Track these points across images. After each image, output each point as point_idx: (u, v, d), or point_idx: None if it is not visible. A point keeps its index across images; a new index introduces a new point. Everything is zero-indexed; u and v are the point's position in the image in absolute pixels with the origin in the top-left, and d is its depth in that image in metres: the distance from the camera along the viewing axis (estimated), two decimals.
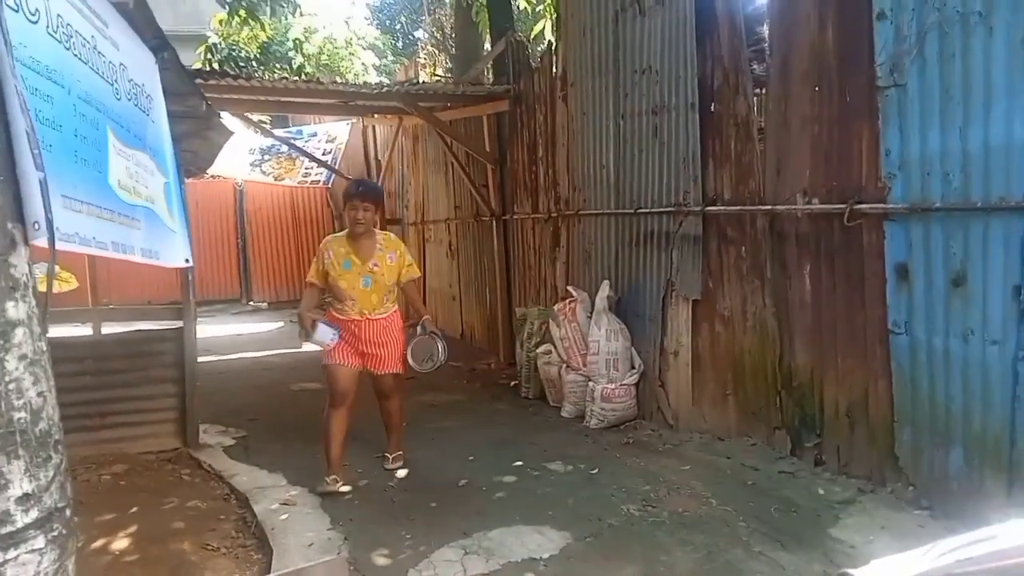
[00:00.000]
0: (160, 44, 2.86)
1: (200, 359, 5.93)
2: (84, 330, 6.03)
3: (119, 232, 2.37)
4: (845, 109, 4.29)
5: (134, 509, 4.50)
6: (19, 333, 1.51)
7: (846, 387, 4.44)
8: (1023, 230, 3.45)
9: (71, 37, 1.96)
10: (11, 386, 1.48)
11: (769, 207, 4.82)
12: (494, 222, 8.57)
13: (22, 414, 1.49)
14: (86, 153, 2.10)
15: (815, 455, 4.65)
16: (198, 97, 3.93)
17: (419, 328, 4.85)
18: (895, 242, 4.04)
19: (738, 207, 5.08)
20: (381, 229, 5.01)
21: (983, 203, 3.58)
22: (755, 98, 5.18)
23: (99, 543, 4.04)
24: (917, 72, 3.82)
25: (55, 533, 1.56)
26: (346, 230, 4.66)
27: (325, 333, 4.51)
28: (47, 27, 1.80)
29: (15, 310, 1.50)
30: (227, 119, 7.21)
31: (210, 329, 11.50)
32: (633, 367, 5.94)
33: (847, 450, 4.46)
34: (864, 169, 4.20)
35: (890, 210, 4.02)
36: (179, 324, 5.68)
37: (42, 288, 1.64)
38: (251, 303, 14.98)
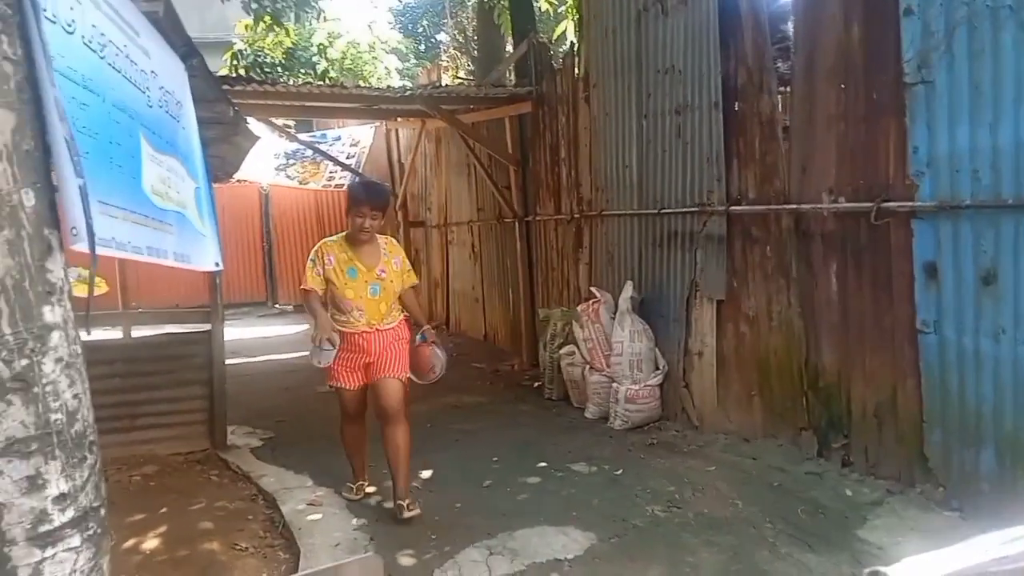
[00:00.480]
0: (189, 51, 2.92)
1: (227, 362, 6.01)
2: (114, 333, 6.14)
3: (153, 236, 2.42)
4: (871, 106, 4.25)
5: (164, 509, 4.57)
6: (55, 336, 1.55)
7: (874, 387, 4.39)
8: None
9: (105, 47, 2.00)
10: (48, 388, 1.52)
11: (794, 206, 4.78)
12: (517, 224, 8.59)
13: (59, 415, 1.53)
14: (121, 159, 2.15)
15: (842, 456, 4.60)
16: (225, 103, 3.99)
17: (418, 338, 4.39)
18: (923, 240, 3.99)
19: (763, 206, 5.05)
20: (389, 234, 5.15)
21: (1014, 200, 3.53)
22: (779, 96, 5.14)
23: (130, 543, 4.11)
24: (945, 68, 3.78)
25: (90, 532, 1.59)
26: (342, 233, 4.29)
27: (330, 354, 4.14)
28: (83, 38, 1.84)
29: (52, 314, 1.54)
30: (253, 124, 7.31)
31: (237, 332, 11.63)
32: (657, 368, 5.92)
33: (875, 451, 4.41)
34: (891, 167, 4.16)
35: (918, 208, 3.97)
36: (207, 327, 5.76)
37: (78, 292, 1.69)
38: (277, 306, 15.13)
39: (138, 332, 6.23)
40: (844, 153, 4.45)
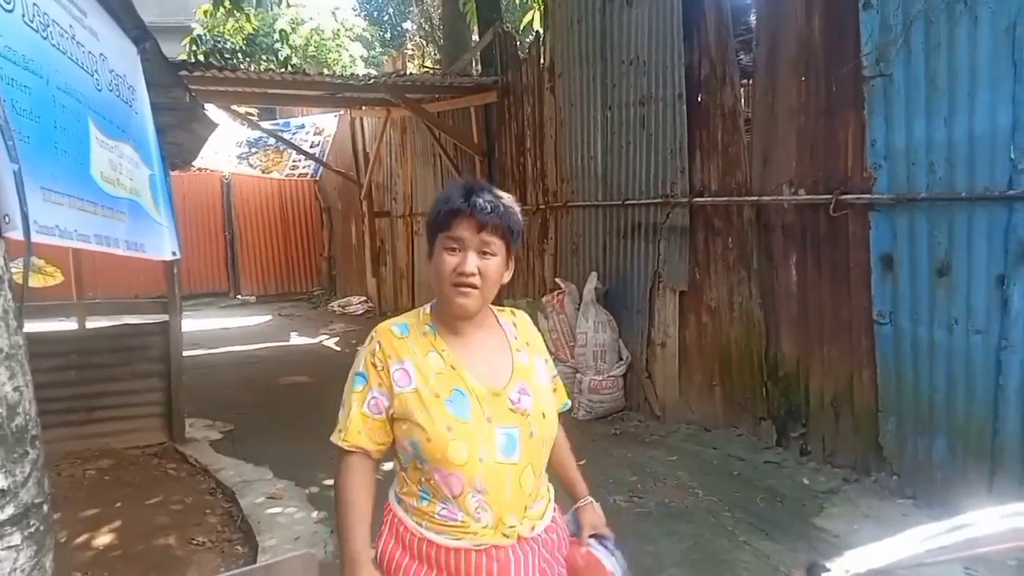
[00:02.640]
0: (141, 34, 2.83)
1: (187, 353, 5.89)
2: (69, 324, 5.99)
3: (102, 224, 2.35)
4: (831, 99, 4.30)
5: (118, 504, 4.48)
6: None
7: (831, 377, 4.46)
8: (1007, 220, 3.47)
9: (48, 26, 1.93)
10: None
11: (756, 198, 4.83)
12: None
13: None
14: (67, 144, 2.08)
15: (800, 445, 4.68)
16: (181, 88, 3.89)
17: (568, 520, 1.96)
18: (880, 232, 4.05)
19: (725, 198, 5.09)
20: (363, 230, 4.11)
21: (968, 193, 3.60)
22: (742, 89, 5.18)
23: (82, 538, 4.01)
24: (903, 62, 3.83)
25: (32, 529, 1.54)
26: (424, 308, 1.83)
27: None
28: (23, 15, 1.77)
29: None
30: (213, 111, 7.16)
31: (197, 323, 11.43)
32: (620, 358, 5.95)
33: (832, 440, 4.49)
34: (850, 159, 4.22)
35: (875, 200, 4.04)
36: (165, 318, 5.64)
37: (19, 281, 1.62)
38: (239, 297, 14.90)
39: (93, 323, 6.08)
40: (804, 145, 4.50)
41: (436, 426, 1.61)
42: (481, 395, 1.65)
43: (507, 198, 1.72)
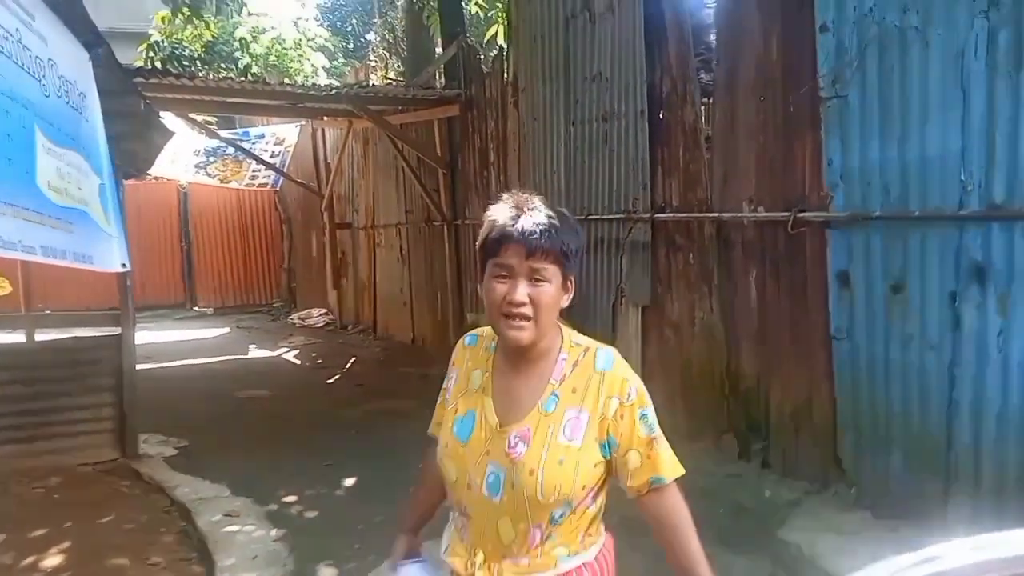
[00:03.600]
0: (93, 39, 2.76)
1: (141, 366, 5.75)
2: (17, 337, 5.79)
3: (49, 236, 2.27)
4: (789, 119, 4.38)
5: (69, 523, 4.33)
6: None
7: (791, 392, 4.52)
8: (958, 239, 3.56)
9: None
10: None
11: (716, 214, 4.89)
12: (445, 227, 8.53)
13: None
14: (10, 152, 2.01)
15: (762, 458, 4.72)
16: (136, 96, 3.80)
17: None
18: (837, 250, 4.13)
19: (686, 214, 5.14)
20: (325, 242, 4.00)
21: (920, 212, 3.69)
22: (703, 107, 5.25)
23: (30, 559, 3.87)
24: (858, 84, 3.92)
25: None
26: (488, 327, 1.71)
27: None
28: None
29: None
30: (170, 120, 7.03)
31: (152, 335, 11.17)
32: None
33: (792, 453, 4.54)
34: (807, 178, 4.29)
35: (832, 218, 4.11)
36: (117, 331, 5.49)
37: None
38: (195, 308, 14.62)
39: (43, 336, 5.89)
40: (764, 164, 4.57)
41: (443, 438, 1.66)
42: (489, 427, 1.58)
43: (560, 216, 1.55)
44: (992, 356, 3.47)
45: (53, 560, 3.91)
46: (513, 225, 1.51)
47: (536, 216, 1.53)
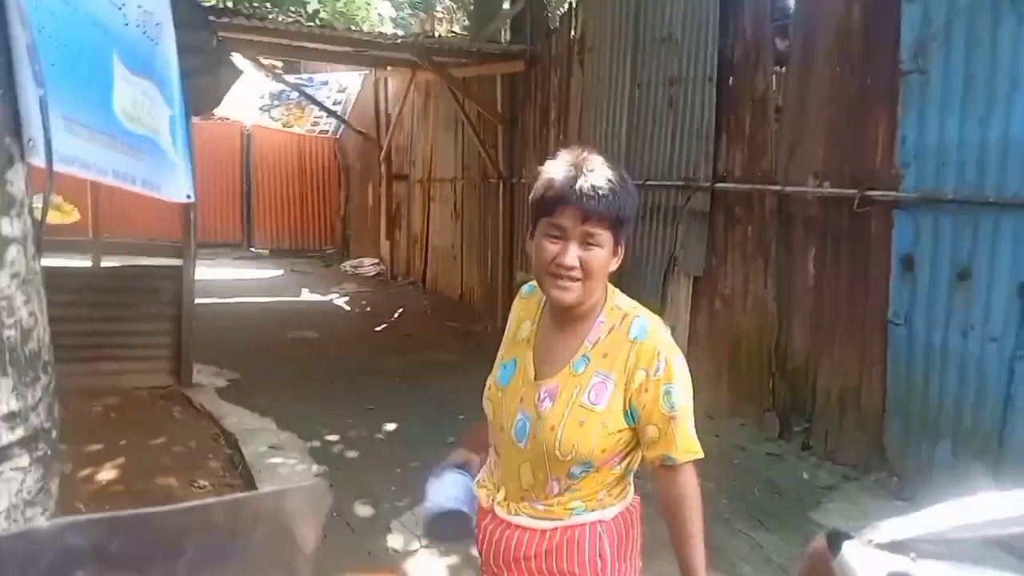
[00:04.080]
0: None
1: (198, 300, 5.92)
2: (83, 262, 6.02)
3: (121, 160, 2.33)
4: (865, 92, 4.22)
5: (123, 442, 4.53)
6: (13, 251, 1.48)
7: (840, 375, 4.43)
8: None
9: None
10: (2, 303, 1.46)
11: (780, 187, 4.77)
12: (501, 185, 8.50)
13: (12, 332, 1.48)
14: (90, 76, 2.06)
15: (803, 440, 4.66)
16: (209, 31, 3.86)
17: None
18: (903, 232, 4.00)
19: (748, 185, 5.03)
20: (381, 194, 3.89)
21: (996, 197, 3.54)
22: (774, 75, 5.09)
23: (86, 472, 4.07)
24: (942, 58, 3.75)
25: (40, 453, 1.55)
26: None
27: (447, 490, 1.77)
28: None
29: (10, 227, 1.48)
30: (237, 60, 7.12)
31: (210, 272, 11.47)
32: None
33: (835, 437, 4.47)
34: (879, 155, 4.15)
35: (901, 198, 3.98)
36: (179, 262, 5.65)
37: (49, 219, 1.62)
38: (252, 249, 14.94)
39: (108, 262, 6.11)
40: (833, 137, 4.43)
41: (489, 380, 1.72)
42: (527, 377, 1.62)
43: (619, 180, 1.52)
44: None
45: (107, 474, 4.11)
46: (571, 187, 1.48)
47: (595, 179, 1.49)
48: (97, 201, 6.32)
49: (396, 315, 9.22)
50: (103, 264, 5.94)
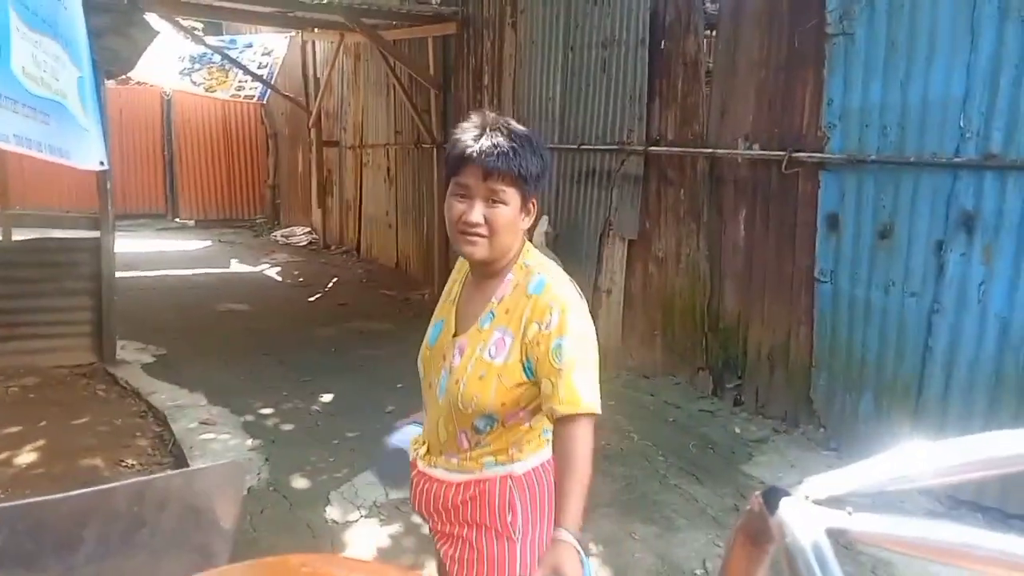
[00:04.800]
0: None
1: (120, 274, 5.68)
2: None
3: (23, 125, 2.19)
4: (792, 55, 4.28)
5: (43, 423, 4.34)
6: None
7: (769, 332, 4.56)
8: (950, 187, 3.54)
9: None
10: None
11: (711, 150, 4.82)
12: (435, 150, 8.37)
13: None
14: None
15: (735, 396, 4.80)
16: None
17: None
18: (828, 192, 4.10)
19: (680, 148, 5.07)
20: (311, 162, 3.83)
21: (916, 158, 3.66)
22: (705, 39, 5.11)
23: (3, 456, 3.89)
24: (866, 21, 3.82)
25: None
26: None
27: (401, 436, 1.88)
28: None
29: None
30: (153, 21, 6.75)
31: (132, 244, 11.02)
32: None
33: (765, 392, 4.61)
34: (806, 117, 4.23)
35: (827, 160, 4.07)
36: (96, 234, 5.39)
37: None
38: (177, 220, 14.41)
39: (20, 235, 5.79)
40: (763, 100, 4.49)
41: (423, 342, 1.78)
42: (448, 334, 1.70)
43: (524, 139, 1.56)
44: (972, 305, 3.50)
45: (27, 457, 3.94)
46: (473, 146, 1.53)
47: (496, 138, 1.53)
48: (6, 173, 5.97)
49: (330, 285, 9.05)
50: (14, 238, 5.62)
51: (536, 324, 1.55)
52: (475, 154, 1.52)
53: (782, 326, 4.47)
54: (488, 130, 1.55)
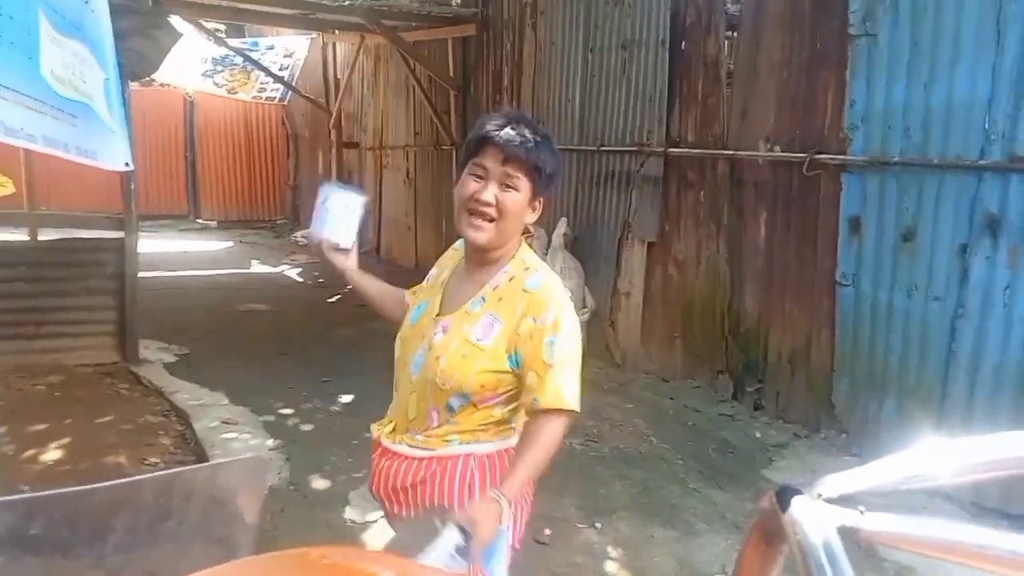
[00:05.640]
0: None
1: (144, 274, 5.75)
2: (19, 235, 5.78)
3: (51, 126, 2.22)
4: (815, 56, 4.25)
5: (68, 421, 4.39)
6: None
7: (790, 336, 4.52)
8: (975, 190, 3.49)
9: None
10: None
11: (731, 152, 4.80)
12: (454, 151, 8.39)
13: None
14: (13, 36, 1.94)
15: (755, 400, 4.76)
16: None
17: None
18: (851, 194, 4.06)
19: (700, 150, 5.05)
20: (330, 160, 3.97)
21: (939, 160, 3.62)
22: (726, 40, 5.09)
23: (30, 452, 3.94)
24: (890, 22, 3.79)
25: None
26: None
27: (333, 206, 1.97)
28: None
29: None
30: (177, 23, 6.84)
31: (155, 244, 11.15)
32: (585, 306, 5.95)
33: (786, 396, 4.57)
34: (828, 119, 4.19)
35: (849, 162, 4.04)
36: (120, 235, 5.46)
37: None
38: (199, 221, 14.55)
39: (46, 235, 5.87)
40: (784, 101, 4.46)
41: (403, 322, 1.84)
42: (431, 314, 1.73)
43: (545, 137, 1.65)
44: (996, 309, 3.45)
45: (52, 454, 3.99)
46: (498, 131, 1.60)
47: (521, 129, 1.61)
48: (32, 173, 6.05)
49: (349, 286, 9.09)
50: (40, 238, 5.71)
51: (531, 319, 1.59)
52: (499, 138, 1.59)
53: (803, 329, 4.44)
54: (514, 122, 1.63)
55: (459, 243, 1.81)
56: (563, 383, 1.58)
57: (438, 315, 1.71)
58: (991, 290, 3.47)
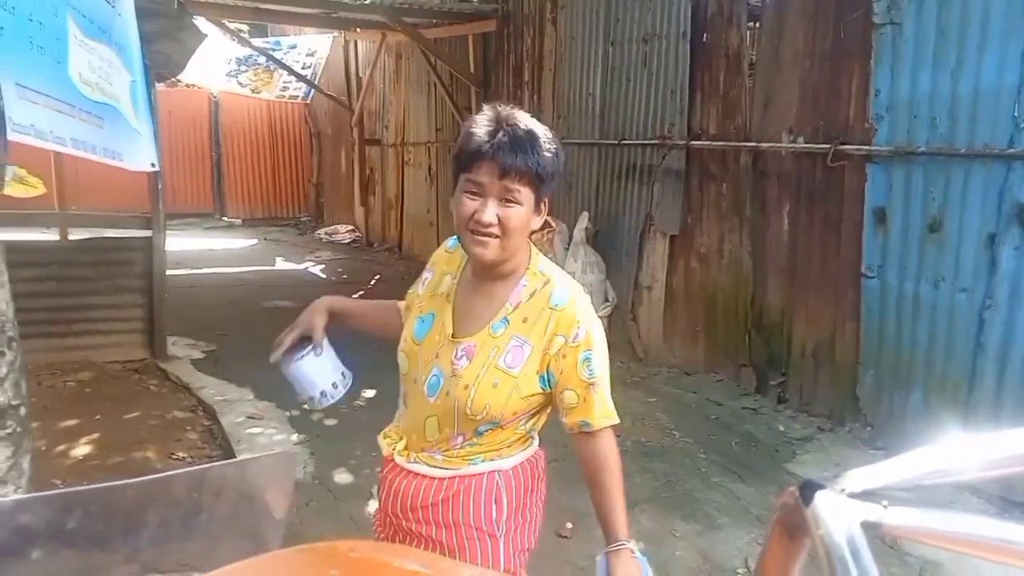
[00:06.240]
0: None
1: (171, 272, 5.83)
2: (50, 236, 5.88)
3: (80, 128, 2.27)
4: (838, 46, 4.20)
5: (98, 416, 4.48)
6: None
7: (815, 328, 4.48)
8: (1003, 179, 3.44)
9: None
10: None
11: (754, 144, 4.76)
12: None
13: None
14: (43, 40, 1.99)
15: (779, 393, 4.73)
16: None
17: (599, 564, 1.59)
18: (876, 185, 4.02)
19: (722, 143, 5.02)
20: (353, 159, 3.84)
21: (967, 149, 3.56)
22: (748, 31, 5.04)
23: (61, 447, 4.03)
24: (914, 10, 3.73)
25: (8, 430, 1.52)
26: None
27: (313, 371, 1.98)
28: None
29: None
30: (201, 24, 6.91)
31: (181, 242, 11.30)
32: (607, 300, 5.95)
33: (810, 389, 4.54)
34: (852, 109, 4.15)
35: (874, 152, 3.99)
36: (148, 233, 5.54)
37: (14, 192, 1.57)
38: (224, 219, 14.72)
39: (75, 235, 5.98)
40: (807, 92, 4.42)
41: (404, 333, 1.70)
42: (444, 333, 1.60)
43: (541, 136, 1.49)
44: None
45: (83, 449, 4.07)
46: (488, 142, 1.44)
47: (514, 133, 1.46)
48: (62, 174, 6.17)
49: (373, 282, 9.16)
50: (70, 237, 5.81)
51: (562, 336, 1.53)
52: (492, 151, 1.43)
53: (827, 322, 4.40)
54: (504, 125, 1.46)
55: (451, 243, 1.73)
56: (608, 398, 1.57)
57: (454, 336, 1.59)
58: (1020, 281, 3.42)
